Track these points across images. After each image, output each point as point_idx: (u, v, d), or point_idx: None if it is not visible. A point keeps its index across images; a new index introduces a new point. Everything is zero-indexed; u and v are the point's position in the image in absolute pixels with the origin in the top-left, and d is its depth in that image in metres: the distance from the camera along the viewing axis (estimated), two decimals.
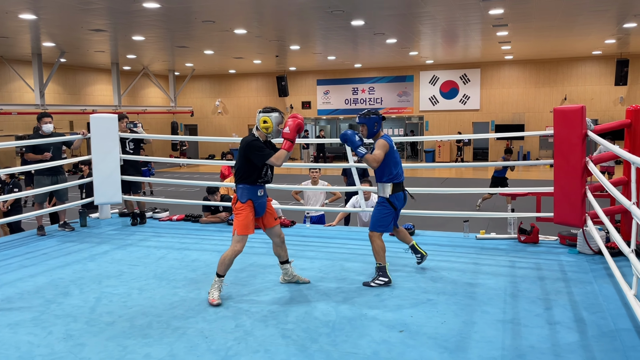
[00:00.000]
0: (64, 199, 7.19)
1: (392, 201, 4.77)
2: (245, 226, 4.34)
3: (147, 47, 18.50)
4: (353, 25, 14.40)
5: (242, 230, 4.32)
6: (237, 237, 4.33)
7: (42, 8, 11.91)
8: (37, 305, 4.26)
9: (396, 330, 3.68)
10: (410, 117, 26.66)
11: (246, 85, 29.01)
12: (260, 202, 4.49)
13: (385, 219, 4.77)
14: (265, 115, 4.42)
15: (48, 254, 5.89)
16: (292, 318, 3.94)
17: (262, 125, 4.43)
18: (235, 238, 4.33)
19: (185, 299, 4.39)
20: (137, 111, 24.75)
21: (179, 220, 7.68)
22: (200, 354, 3.37)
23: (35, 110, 18.25)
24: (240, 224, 4.33)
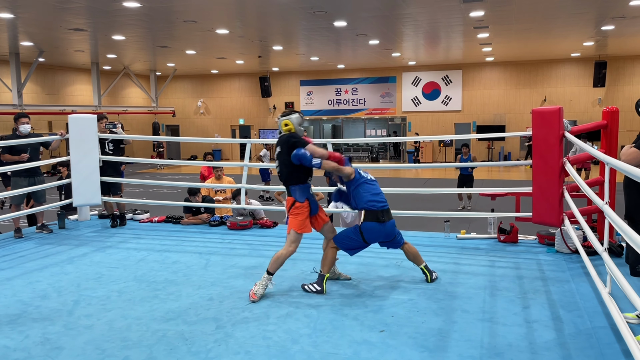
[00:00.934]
0: (41, 201, 7.08)
1: (362, 230, 4.48)
2: (305, 225, 4.46)
3: (128, 47, 18.31)
4: (336, 26, 14.43)
5: (301, 229, 4.42)
6: (294, 237, 4.40)
7: (20, 7, 11.71)
8: (14, 309, 4.19)
9: (377, 330, 3.70)
10: (393, 117, 26.80)
11: (229, 86, 28.88)
12: (313, 200, 4.61)
13: (349, 241, 4.55)
14: (286, 119, 4.54)
15: (25, 257, 5.79)
16: (273, 319, 3.93)
17: (284, 128, 4.55)
18: (292, 238, 4.40)
19: (165, 301, 4.35)
20: (118, 111, 24.49)
21: (160, 222, 7.61)
22: (180, 357, 3.35)
23: (12, 110, 17.92)
24: (298, 224, 4.42)
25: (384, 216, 4.47)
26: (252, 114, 28.63)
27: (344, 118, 27.69)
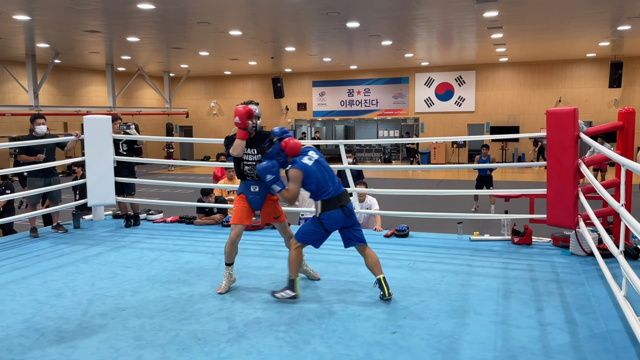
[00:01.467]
0: (57, 201, 7.16)
1: (321, 220, 4.35)
2: (235, 216, 4.65)
3: (142, 48, 18.47)
4: (348, 27, 14.42)
5: (233, 219, 4.65)
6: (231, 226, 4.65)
7: (36, 9, 11.88)
8: (29, 307, 4.24)
9: (389, 332, 3.69)
10: (405, 118, 26.71)
11: (242, 87, 29.00)
12: (251, 197, 4.70)
13: (310, 235, 4.42)
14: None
15: (41, 256, 5.87)
16: (285, 319, 3.94)
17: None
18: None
19: (178, 300, 4.38)
20: (132, 112, 24.71)
21: (173, 222, 7.67)
22: (193, 356, 3.37)
23: (29, 111, 18.17)
24: (233, 213, 4.70)
25: (340, 201, 4.35)
26: (265, 115, 28.70)
27: (356, 119, 27.67)
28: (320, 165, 4.40)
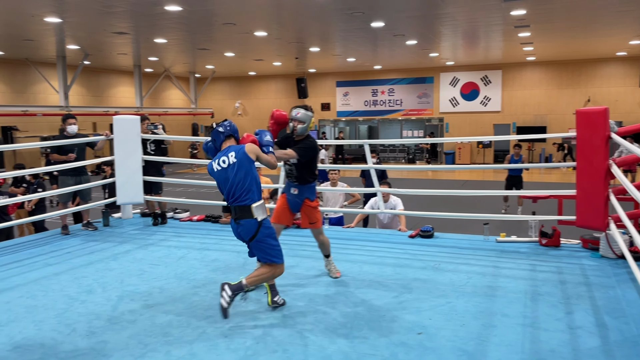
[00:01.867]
0: (87, 199, 7.32)
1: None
2: (273, 215, 4.82)
3: (169, 50, 18.74)
4: (373, 27, 14.39)
5: (272, 218, 4.71)
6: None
7: (67, 11, 12.15)
8: (61, 303, 4.35)
9: (414, 333, 3.68)
10: (430, 118, 26.51)
11: (266, 87, 29.17)
12: (290, 198, 4.80)
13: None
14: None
15: (72, 253, 6.01)
16: (310, 319, 3.95)
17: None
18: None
19: (204, 298, 4.44)
20: (159, 113, 25.07)
21: (199, 221, 7.76)
22: (220, 353, 3.41)
23: (59, 111, 18.61)
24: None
25: (235, 213, 3.98)
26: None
27: (380, 119, 27.57)
28: (226, 174, 3.96)
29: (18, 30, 14.41)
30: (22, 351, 3.45)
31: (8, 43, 16.77)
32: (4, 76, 20.63)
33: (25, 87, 21.30)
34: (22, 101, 20.80)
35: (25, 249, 6.21)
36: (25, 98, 21.21)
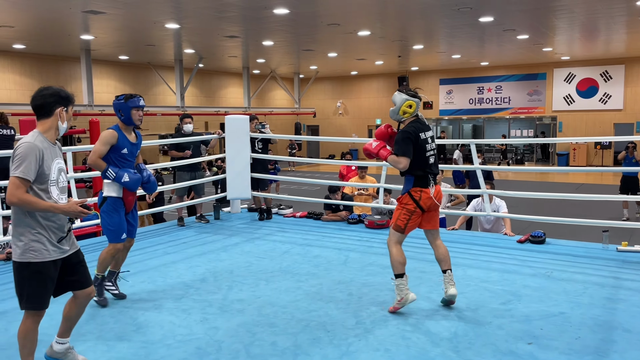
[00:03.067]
0: (201, 193, 7.80)
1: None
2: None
3: (275, 52, 19.40)
4: (481, 22, 13.86)
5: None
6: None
7: (185, 18, 13.02)
8: (178, 289, 4.68)
9: (524, 342, 3.50)
10: (541, 117, 25.02)
11: (367, 86, 29.21)
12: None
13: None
14: (412, 100, 4.20)
15: (187, 243, 6.44)
16: (412, 320, 3.91)
17: (410, 111, 4.23)
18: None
19: (308, 293, 4.56)
20: (264, 112, 26.06)
21: (302, 217, 7.96)
22: (323, 347, 3.48)
23: (176, 111, 20.01)
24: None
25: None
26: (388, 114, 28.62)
27: (485, 118, 26.50)
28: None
29: (142, 36, 15.69)
30: (144, 332, 3.77)
31: (133, 48, 18.31)
32: (129, 79, 22.57)
33: (146, 89, 23.14)
34: (144, 102, 22.60)
35: (146, 238, 6.76)
36: (147, 99, 22.92)
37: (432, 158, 4.18)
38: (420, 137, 4.12)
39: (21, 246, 2.89)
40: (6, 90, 18.20)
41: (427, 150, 4.13)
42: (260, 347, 3.51)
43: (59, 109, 2.99)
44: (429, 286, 4.66)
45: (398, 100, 4.21)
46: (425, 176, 4.10)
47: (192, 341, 3.60)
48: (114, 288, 4.41)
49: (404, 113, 4.19)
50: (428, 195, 4.08)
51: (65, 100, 3.03)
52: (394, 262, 4.07)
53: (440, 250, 4.19)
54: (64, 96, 3.02)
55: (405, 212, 4.08)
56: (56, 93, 3.00)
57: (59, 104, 2.99)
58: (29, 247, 2.88)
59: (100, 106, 17.95)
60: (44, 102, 2.96)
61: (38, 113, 2.99)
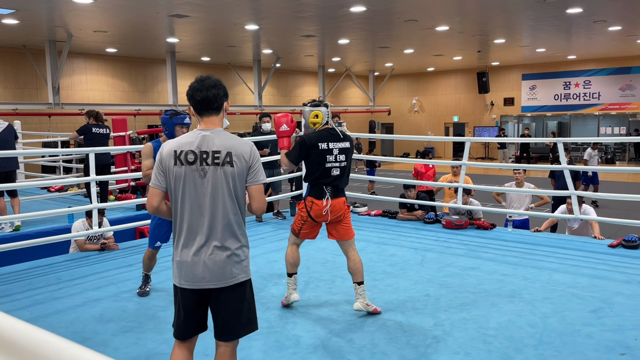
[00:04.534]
0: (278, 190, 7.98)
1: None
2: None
3: (351, 50, 19.41)
4: (568, 13, 13.11)
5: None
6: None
7: (264, 19, 13.34)
8: (257, 284, 4.78)
9: (616, 353, 3.29)
10: (635, 113, 23.29)
11: (444, 83, 28.52)
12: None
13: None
14: (317, 110, 4.09)
15: (265, 239, 6.61)
16: (493, 324, 3.79)
17: (315, 120, 4.11)
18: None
19: (384, 291, 4.54)
20: (339, 111, 26.15)
21: (377, 216, 7.92)
22: (400, 347, 3.45)
23: (254, 110, 20.55)
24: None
25: None
26: (467, 110, 27.82)
27: (572, 114, 25.07)
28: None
29: (222, 38, 16.25)
30: None
31: (214, 50, 19.01)
32: None
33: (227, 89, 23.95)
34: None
35: None
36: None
37: (337, 170, 4.01)
38: (320, 147, 3.97)
39: (245, 259, 2.56)
40: (100, 91, 19.52)
41: (327, 162, 3.98)
42: (337, 343, 3.54)
43: (226, 102, 2.63)
44: (511, 289, 4.49)
45: (306, 113, 4.13)
46: (320, 188, 3.99)
47: (271, 334, 3.69)
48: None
49: (314, 124, 4.09)
50: (319, 207, 3.97)
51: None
52: (286, 261, 4.23)
53: (351, 262, 4.07)
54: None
55: (299, 217, 4.14)
56: (220, 83, 2.63)
57: (226, 97, 2.63)
58: (248, 261, 2.58)
59: (185, 106, 18.79)
60: (216, 94, 2.56)
61: (209, 108, 2.56)
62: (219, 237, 2.44)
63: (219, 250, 2.44)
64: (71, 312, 4.15)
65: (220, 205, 2.44)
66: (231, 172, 2.45)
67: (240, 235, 2.51)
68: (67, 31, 14.00)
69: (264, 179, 2.53)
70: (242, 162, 2.47)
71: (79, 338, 3.63)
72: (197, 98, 2.54)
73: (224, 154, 2.45)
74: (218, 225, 2.44)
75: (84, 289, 4.67)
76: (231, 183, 2.45)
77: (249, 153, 2.50)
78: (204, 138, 2.48)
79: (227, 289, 2.47)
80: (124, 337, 3.67)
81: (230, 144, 2.47)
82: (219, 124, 2.56)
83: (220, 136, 2.50)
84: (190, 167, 2.45)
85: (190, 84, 2.60)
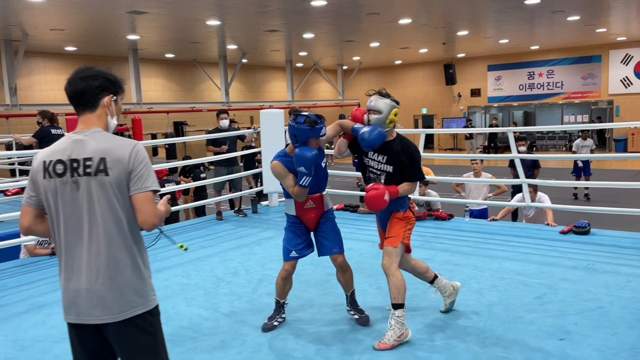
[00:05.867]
0: (238, 188, 7.91)
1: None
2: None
3: (317, 44, 19.37)
4: (527, 4, 13.31)
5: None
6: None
7: (227, 14, 13.19)
8: (210, 283, 4.77)
9: (555, 338, 3.36)
10: (597, 101, 23.85)
11: (412, 75, 28.72)
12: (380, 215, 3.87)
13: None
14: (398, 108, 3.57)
15: (223, 237, 6.56)
16: (439, 314, 3.83)
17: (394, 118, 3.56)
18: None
19: (337, 286, 4.52)
20: (308, 105, 26.09)
21: (339, 210, 7.93)
22: (346, 342, 3.46)
23: (221, 107, 20.32)
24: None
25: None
26: (436, 102, 28.08)
27: (537, 103, 25.52)
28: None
29: (185, 34, 16.03)
30: (173, 325, 3.86)
31: (178, 46, 18.74)
32: (175, 76, 23.15)
33: (193, 86, 23.67)
34: (191, 98, 23.18)
35: (186, 232, 6.93)
36: (193, 95, 23.58)
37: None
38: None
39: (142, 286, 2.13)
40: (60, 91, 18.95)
41: None
42: (284, 341, 3.53)
43: (107, 97, 2.16)
44: (461, 279, 4.54)
45: (386, 107, 3.51)
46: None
47: (218, 334, 3.66)
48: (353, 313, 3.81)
49: (390, 122, 3.52)
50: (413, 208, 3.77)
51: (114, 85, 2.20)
52: (397, 290, 3.46)
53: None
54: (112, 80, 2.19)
55: (410, 227, 3.60)
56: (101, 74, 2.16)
57: (106, 90, 2.16)
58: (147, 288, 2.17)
59: (148, 104, 18.52)
60: (87, 87, 2.12)
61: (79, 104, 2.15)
62: (103, 262, 2.04)
63: (103, 277, 2.03)
64: (13, 319, 4.04)
65: (100, 223, 2.03)
66: (108, 182, 2.02)
67: (131, 256, 2.09)
68: (22, 30, 13.63)
69: (153, 185, 2.07)
70: (119, 168, 2.03)
71: (17, 346, 3.54)
72: (68, 92, 2.13)
73: (97, 161, 2.02)
74: (100, 247, 2.04)
75: (29, 296, 4.56)
76: (111, 195, 2.03)
77: (129, 155, 2.05)
78: (76, 144, 2.05)
79: (118, 325, 2.05)
80: (65, 345, 3.59)
81: (105, 148, 2.04)
82: (97, 123, 2.12)
83: (97, 139, 2.06)
84: (61, 179, 2.04)
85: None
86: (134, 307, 2.06)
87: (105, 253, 2.05)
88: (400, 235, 3.50)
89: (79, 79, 2.11)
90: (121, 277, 2.05)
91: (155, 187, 2.08)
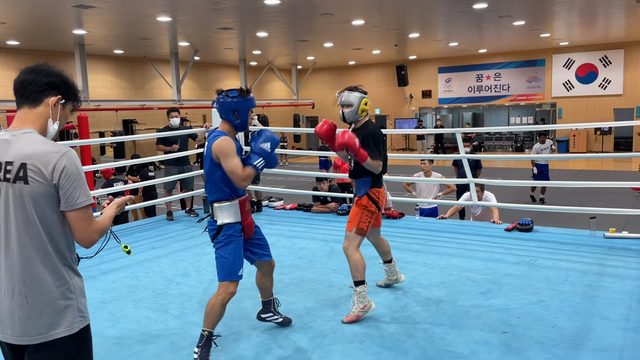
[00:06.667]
0: (189, 187, 7.78)
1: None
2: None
3: (271, 43, 19.28)
4: (475, 8, 13.71)
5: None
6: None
7: (177, 10, 12.93)
8: (159, 284, 4.68)
9: (499, 331, 3.48)
10: (541, 104, 24.83)
11: (366, 76, 29.03)
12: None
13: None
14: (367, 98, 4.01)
15: (174, 237, 6.43)
16: (388, 311, 3.90)
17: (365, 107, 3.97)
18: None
19: (288, 285, 4.55)
20: (263, 104, 25.96)
21: (292, 209, 7.94)
22: (298, 339, 3.46)
23: (173, 105, 19.91)
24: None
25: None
26: (389, 103, 28.51)
27: (485, 105, 26.34)
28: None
29: (135, 30, 15.61)
30: (120, 328, 3.76)
31: (127, 42, 18.23)
32: (125, 73, 22.51)
33: (143, 83, 23.08)
34: (141, 96, 22.59)
35: (135, 232, 6.75)
36: (144, 93, 23.00)
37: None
38: (384, 135, 3.98)
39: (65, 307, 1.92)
40: (3, 87, 18.20)
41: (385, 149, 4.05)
42: (235, 340, 3.50)
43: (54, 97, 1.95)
44: (411, 276, 4.63)
45: (355, 99, 3.94)
46: (380, 176, 3.94)
47: (167, 336, 3.59)
48: (277, 317, 3.69)
49: (362, 112, 3.97)
50: (384, 195, 3.97)
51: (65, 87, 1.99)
52: (355, 269, 3.87)
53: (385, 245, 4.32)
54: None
55: (367, 213, 3.84)
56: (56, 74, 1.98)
57: (56, 89, 1.96)
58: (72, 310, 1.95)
59: (96, 101, 17.93)
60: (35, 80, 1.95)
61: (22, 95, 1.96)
62: (18, 279, 1.84)
63: (19, 295, 1.84)
64: None
65: (14, 236, 1.83)
66: (28, 192, 1.80)
67: (54, 274, 1.87)
68: None
69: (84, 201, 1.86)
70: (41, 178, 1.80)
71: None
72: (15, 82, 1.94)
73: (17, 167, 1.80)
74: (15, 262, 1.84)
75: None
76: (28, 207, 1.81)
77: (53, 166, 1.80)
78: (2, 144, 1.85)
79: (35, 348, 1.86)
80: None
81: (30, 152, 1.81)
82: (33, 123, 1.90)
83: (23, 141, 1.83)
84: None
85: None
86: (53, 330, 1.86)
87: (20, 269, 1.84)
88: (356, 221, 3.85)
89: (32, 70, 1.92)
90: (39, 296, 1.84)
91: (87, 202, 1.86)
